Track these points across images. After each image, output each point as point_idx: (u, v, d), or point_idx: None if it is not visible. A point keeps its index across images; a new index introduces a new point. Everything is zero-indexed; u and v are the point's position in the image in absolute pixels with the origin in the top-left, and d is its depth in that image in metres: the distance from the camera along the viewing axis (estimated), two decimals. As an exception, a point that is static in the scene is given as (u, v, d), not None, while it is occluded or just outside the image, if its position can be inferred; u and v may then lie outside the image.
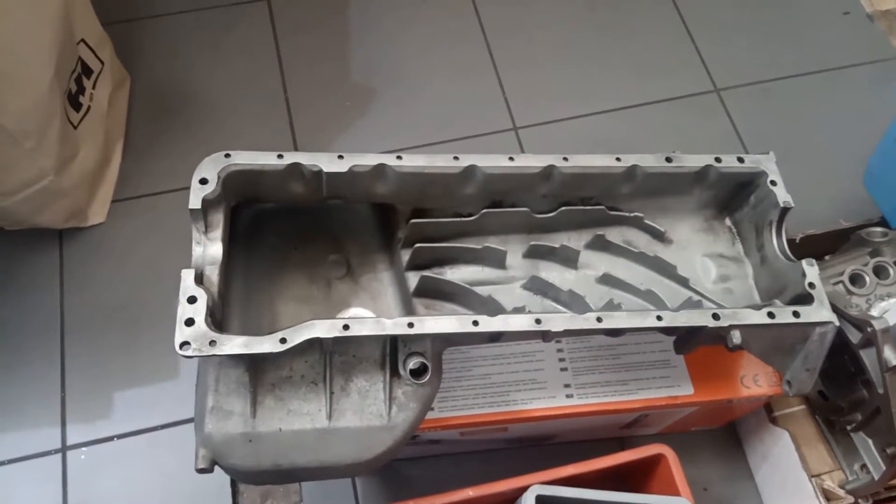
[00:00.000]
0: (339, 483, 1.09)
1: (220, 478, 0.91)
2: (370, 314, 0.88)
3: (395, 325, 0.70)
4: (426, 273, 0.85)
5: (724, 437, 1.15)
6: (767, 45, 1.53)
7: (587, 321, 0.73)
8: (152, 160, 1.34)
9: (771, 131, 1.43)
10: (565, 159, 0.83)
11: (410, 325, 0.71)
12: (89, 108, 1.22)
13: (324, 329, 0.69)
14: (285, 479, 0.78)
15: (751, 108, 1.46)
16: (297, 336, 0.68)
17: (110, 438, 1.11)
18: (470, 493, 0.90)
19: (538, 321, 0.72)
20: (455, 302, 0.86)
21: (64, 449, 1.10)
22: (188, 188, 0.73)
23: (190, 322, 0.67)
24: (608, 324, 0.73)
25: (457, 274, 0.88)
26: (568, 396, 0.90)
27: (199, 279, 0.71)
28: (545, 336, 0.74)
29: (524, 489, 0.89)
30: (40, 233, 1.23)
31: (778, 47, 1.52)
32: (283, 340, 0.68)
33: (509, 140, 1.42)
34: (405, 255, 0.88)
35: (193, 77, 1.44)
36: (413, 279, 0.86)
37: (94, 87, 1.25)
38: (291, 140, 1.39)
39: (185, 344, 0.66)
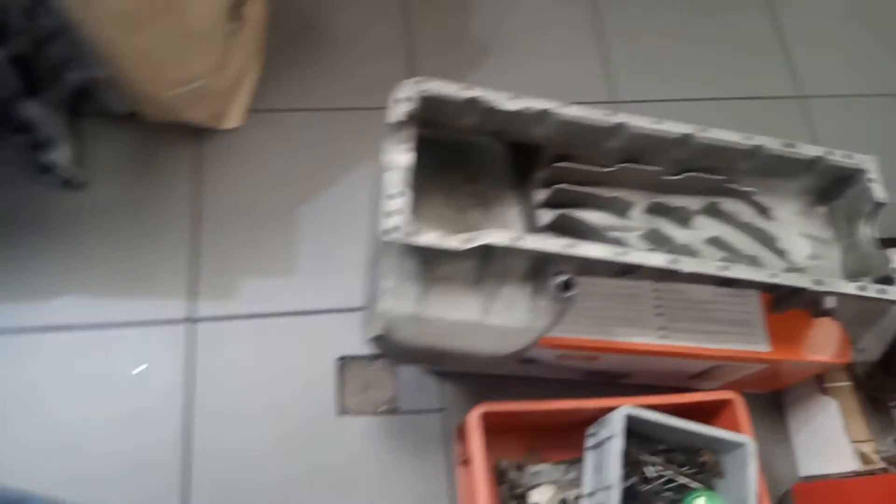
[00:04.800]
0: (429, 388, 1.23)
1: (326, 364, 1.06)
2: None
3: (556, 244, 0.83)
4: (565, 211, 0.98)
5: (767, 402, 1.28)
6: (862, 61, 1.63)
7: (713, 267, 0.86)
8: (284, 79, 1.45)
9: (852, 147, 1.54)
10: (702, 130, 0.95)
11: (568, 245, 0.83)
12: (244, 20, 1.33)
13: (499, 237, 0.82)
14: (433, 360, 0.91)
15: (834, 119, 1.57)
16: (478, 239, 0.81)
17: (233, 317, 1.24)
18: (565, 404, 1.04)
19: (673, 260, 0.85)
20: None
21: (192, 320, 1.23)
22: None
23: (394, 213, 0.80)
24: (730, 273, 0.86)
25: (584, 217, 1.01)
26: (662, 337, 1.03)
27: (398, 180, 0.83)
28: (674, 275, 0.87)
29: (610, 409, 1.03)
30: (182, 128, 1.35)
31: (873, 64, 1.62)
32: (466, 241, 0.81)
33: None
34: (540, 194, 1.00)
35: (325, 5, 1.55)
36: (546, 216, 0.99)
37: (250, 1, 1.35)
38: (409, 80, 1.50)
39: (391, 230, 0.79)
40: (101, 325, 1.22)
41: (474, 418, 1.00)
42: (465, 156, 1.06)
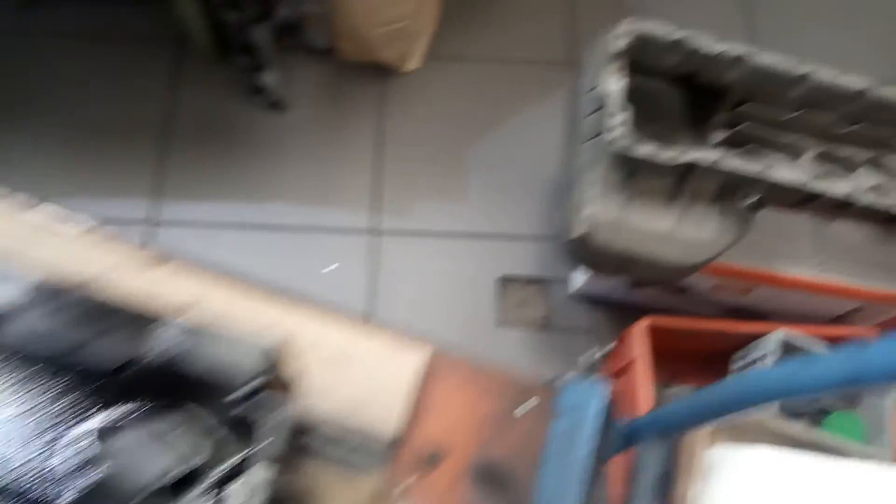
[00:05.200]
0: (577, 313, 1.37)
1: (489, 281, 1.20)
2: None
3: (754, 167, 0.96)
4: (744, 150, 1.09)
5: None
6: None
7: (888, 202, 0.97)
8: (456, 30, 1.61)
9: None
10: (877, 87, 1.05)
11: (765, 168, 0.96)
12: (435, -27, 1.49)
13: (705, 155, 0.94)
14: (622, 265, 1.04)
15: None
16: (686, 155, 0.94)
17: (411, 233, 1.40)
18: (724, 325, 1.16)
19: (855, 191, 0.96)
20: (755, 177, 1.10)
21: (375, 232, 1.40)
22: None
23: (617, 127, 0.93)
24: (902, 208, 0.97)
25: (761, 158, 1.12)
26: (818, 273, 1.14)
27: (618, 101, 0.97)
28: (848, 209, 0.98)
29: (758, 336, 1.14)
30: (368, 67, 1.51)
31: None
32: (678, 154, 0.94)
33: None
34: (719, 135, 1.12)
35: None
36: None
37: (439, -43, 1.51)
38: (563, 41, 1.63)
39: (617, 140, 0.92)
40: (296, 228, 1.39)
41: (642, 328, 1.13)
42: (642, 98, 1.18)
